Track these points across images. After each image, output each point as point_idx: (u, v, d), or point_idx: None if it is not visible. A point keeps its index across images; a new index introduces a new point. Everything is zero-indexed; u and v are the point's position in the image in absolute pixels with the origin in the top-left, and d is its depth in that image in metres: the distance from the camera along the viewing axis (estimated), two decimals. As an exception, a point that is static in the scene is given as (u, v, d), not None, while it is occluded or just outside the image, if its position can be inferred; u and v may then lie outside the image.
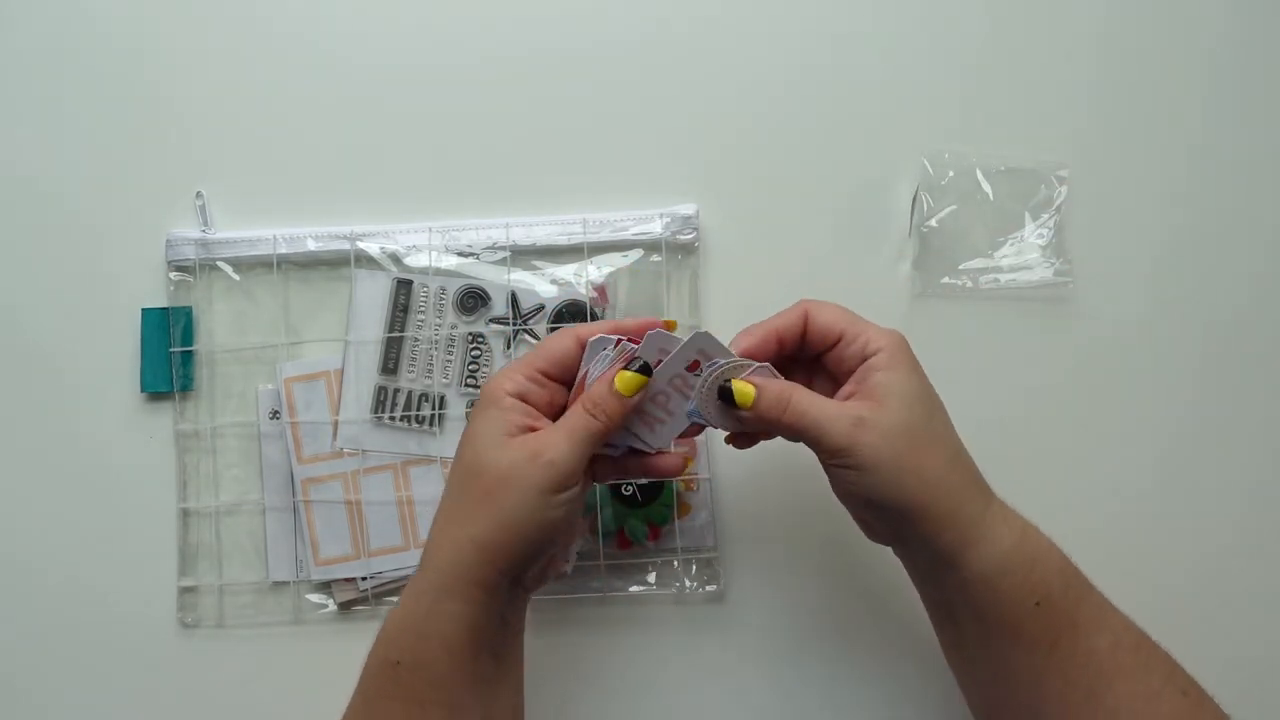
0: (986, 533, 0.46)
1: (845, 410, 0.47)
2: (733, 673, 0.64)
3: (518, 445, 0.48)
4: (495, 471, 0.47)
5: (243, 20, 0.67)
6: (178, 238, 0.65)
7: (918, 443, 0.46)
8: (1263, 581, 0.64)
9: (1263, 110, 0.66)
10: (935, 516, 0.46)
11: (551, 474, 0.47)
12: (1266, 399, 0.65)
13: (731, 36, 0.67)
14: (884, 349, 0.48)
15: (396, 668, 0.48)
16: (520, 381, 0.50)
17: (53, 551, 0.65)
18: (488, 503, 0.47)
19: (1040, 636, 0.47)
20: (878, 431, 0.46)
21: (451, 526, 0.49)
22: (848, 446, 0.46)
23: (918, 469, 0.46)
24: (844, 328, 0.49)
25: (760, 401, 0.48)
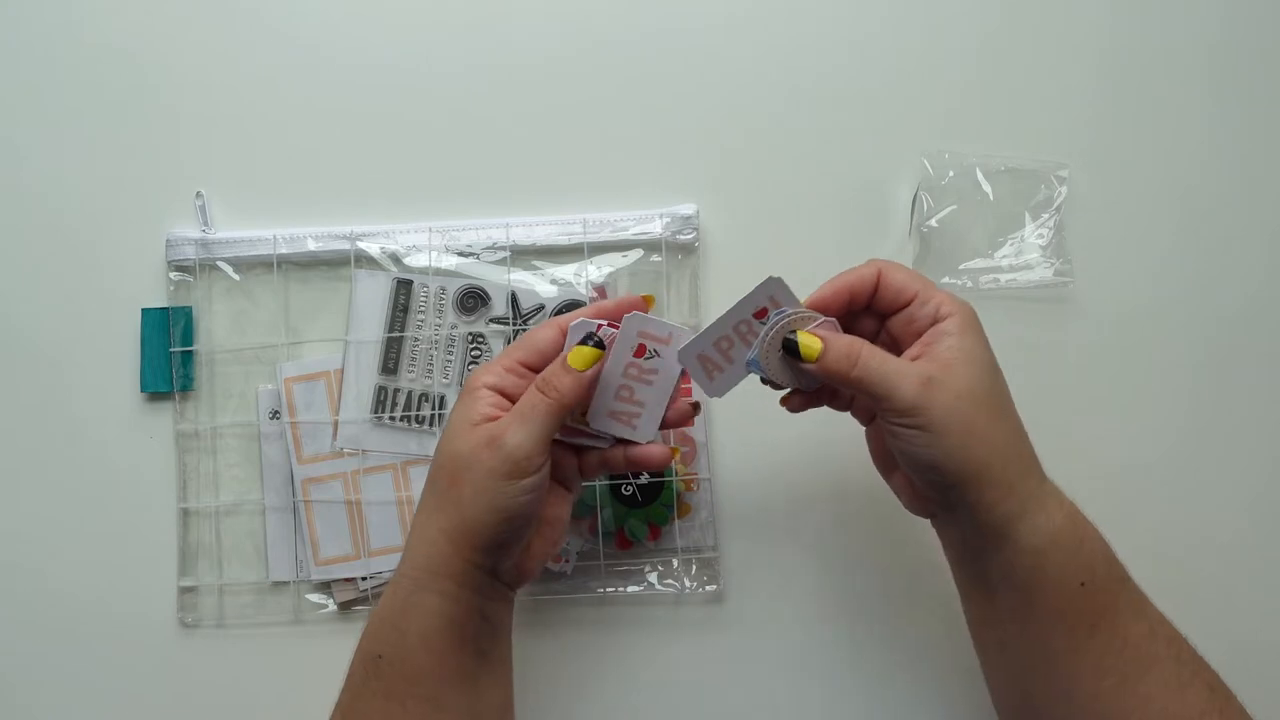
0: (1042, 506, 0.46)
1: (917, 369, 0.46)
2: (733, 673, 0.64)
3: (477, 433, 0.48)
4: (456, 460, 0.48)
5: (243, 21, 0.67)
6: (178, 238, 0.65)
7: (986, 409, 0.46)
8: (1264, 580, 0.64)
9: (1263, 110, 0.66)
10: (996, 483, 0.45)
11: (505, 458, 0.46)
12: (1267, 398, 0.65)
13: (732, 38, 0.67)
14: (956, 314, 0.48)
15: (378, 661, 0.49)
16: (499, 373, 0.50)
17: (53, 551, 0.65)
18: (451, 492, 0.48)
19: (1081, 618, 0.46)
20: (950, 392, 0.45)
21: (424, 518, 0.49)
22: (917, 405, 0.45)
23: (985, 434, 0.45)
24: (918, 289, 0.49)
25: (827, 355, 0.47)
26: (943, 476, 0.46)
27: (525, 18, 0.67)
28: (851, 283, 0.50)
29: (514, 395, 0.50)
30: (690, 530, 0.64)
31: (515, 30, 0.67)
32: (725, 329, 0.50)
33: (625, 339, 0.50)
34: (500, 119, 0.66)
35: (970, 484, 0.46)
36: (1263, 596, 0.64)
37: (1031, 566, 0.46)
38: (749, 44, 0.67)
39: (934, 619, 0.63)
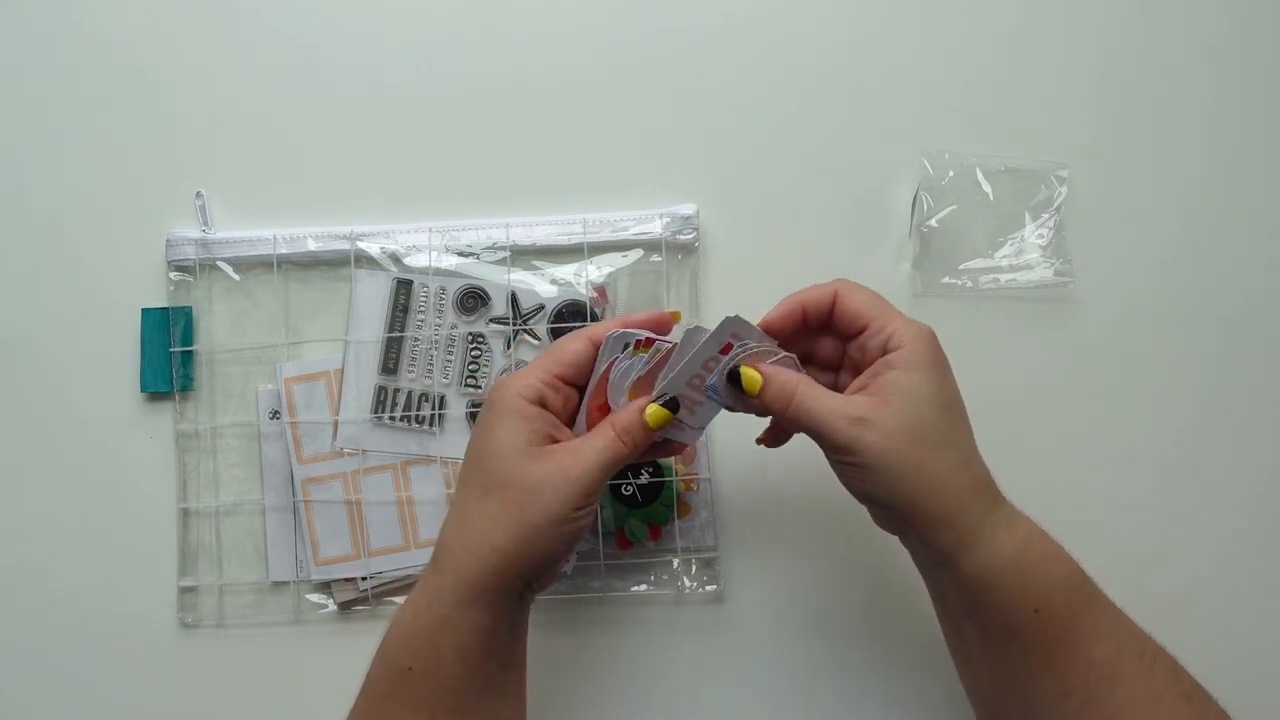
0: (985, 537, 0.46)
1: (848, 407, 0.46)
2: (733, 673, 0.64)
3: (548, 458, 0.48)
4: (526, 483, 0.47)
5: (243, 21, 0.67)
6: (178, 238, 0.65)
7: (921, 446, 0.46)
8: (1266, 580, 0.64)
9: (1264, 110, 0.66)
10: (933, 518, 0.46)
11: (580, 489, 0.47)
12: (1267, 398, 0.65)
13: (732, 38, 0.67)
14: (905, 346, 0.47)
15: (408, 673, 0.48)
16: (538, 387, 0.50)
17: (53, 551, 0.65)
18: (515, 513, 0.47)
19: (1037, 643, 0.46)
20: (879, 431, 0.45)
21: (472, 532, 0.48)
22: (848, 445, 0.46)
23: (918, 472, 0.45)
24: (871, 318, 0.49)
25: (766, 390, 0.49)
26: (883, 509, 0.48)
27: (525, 18, 0.67)
28: (805, 302, 0.51)
29: (554, 409, 0.50)
30: (690, 530, 0.64)
31: (515, 30, 0.67)
32: (695, 368, 0.50)
33: (716, 338, 0.50)
34: (500, 119, 0.66)
35: (909, 518, 0.46)
36: (1263, 596, 0.64)
37: (979, 595, 0.46)
38: (749, 44, 0.67)
39: (933, 619, 0.63)
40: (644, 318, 0.52)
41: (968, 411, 0.49)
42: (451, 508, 0.50)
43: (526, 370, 0.51)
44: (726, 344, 0.50)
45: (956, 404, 0.48)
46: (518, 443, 0.48)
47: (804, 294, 0.51)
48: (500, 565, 0.47)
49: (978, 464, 0.48)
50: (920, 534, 0.47)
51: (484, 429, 0.50)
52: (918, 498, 0.46)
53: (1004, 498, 0.48)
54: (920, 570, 0.51)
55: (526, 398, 0.49)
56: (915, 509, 0.46)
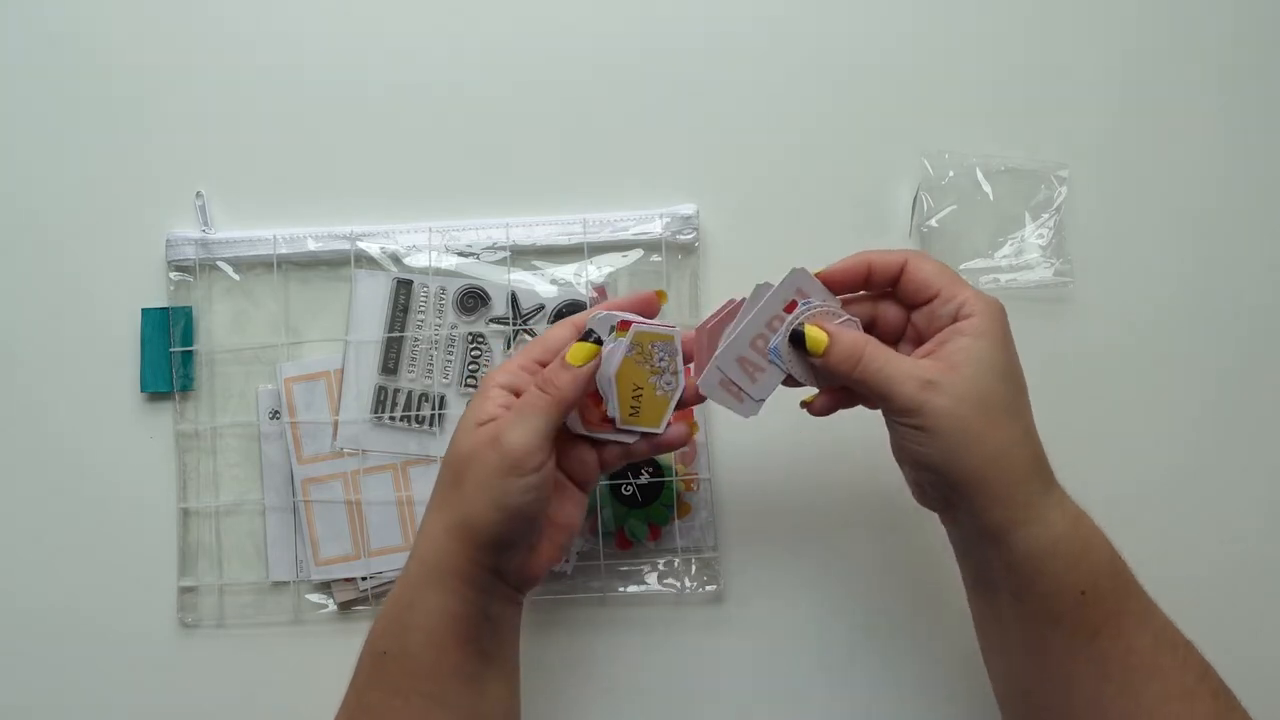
0: (1039, 515, 0.46)
1: (918, 370, 0.46)
2: (733, 673, 0.64)
3: (481, 431, 0.48)
4: (460, 458, 0.48)
5: (243, 21, 0.67)
6: (178, 238, 0.65)
7: (987, 414, 0.45)
8: (1267, 581, 0.64)
9: (1264, 109, 0.66)
10: (990, 491, 0.45)
11: (504, 455, 0.46)
12: (1269, 398, 0.65)
13: (732, 38, 0.67)
14: (976, 315, 0.47)
15: (383, 657, 0.49)
16: (512, 371, 0.50)
17: (53, 551, 0.65)
18: (455, 490, 0.48)
19: (1081, 626, 0.46)
20: (948, 396, 0.45)
21: (430, 516, 0.50)
22: (915, 407, 0.45)
23: (981, 440, 0.45)
24: (942, 286, 0.48)
25: (832, 350, 0.48)
26: (940, 477, 0.47)
27: (525, 18, 0.67)
28: (874, 260, 0.50)
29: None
30: (690, 530, 0.64)
31: (515, 31, 0.67)
32: (760, 326, 0.49)
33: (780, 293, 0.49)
34: (500, 119, 0.66)
35: (966, 488, 0.46)
36: (1267, 596, 0.64)
37: (1028, 573, 0.46)
38: (749, 44, 0.67)
39: (934, 618, 0.63)
40: (630, 300, 0.52)
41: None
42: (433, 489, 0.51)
43: (509, 360, 0.51)
44: (791, 301, 0.49)
45: (1021, 378, 0.48)
46: (467, 422, 0.49)
47: (872, 253, 0.50)
48: (453, 545, 0.48)
49: (1037, 440, 0.48)
50: (975, 505, 0.46)
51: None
52: (980, 466, 0.45)
53: (1055, 479, 0.48)
54: (960, 550, 0.51)
55: (501, 384, 0.50)
56: (975, 478, 0.45)
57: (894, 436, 0.48)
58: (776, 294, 0.49)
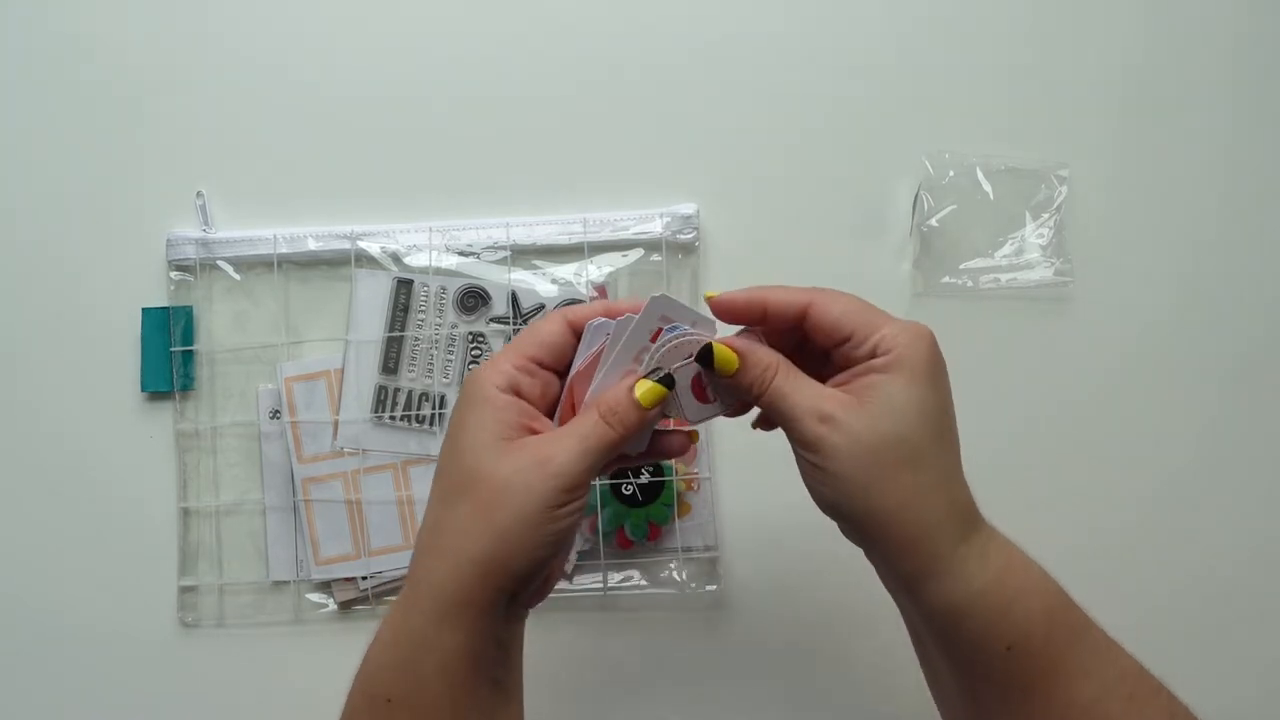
0: (952, 568, 0.41)
1: (820, 401, 0.42)
2: (733, 673, 0.64)
3: (520, 451, 0.42)
4: (495, 481, 0.42)
5: (243, 21, 0.67)
6: (178, 237, 0.65)
7: (893, 456, 0.41)
8: (1268, 583, 0.64)
9: (1265, 109, 0.66)
10: (894, 541, 0.41)
11: (559, 484, 0.42)
12: (1269, 398, 0.65)
13: (731, 37, 0.67)
14: (893, 351, 0.42)
15: (388, 705, 0.43)
16: (510, 372, 0.44)
17: (53, 551, 0.65)
18: (487, 516, 0.42)
19: (1012, 682, 0.42)
20: (846, 434, 0.41)
21: (444, 543, 0.43)
22: (813, 441, 0.41)
23: (882, 486, 0.41)
24: (854, 328, 0.43)
25: (743, 370, 0.44)
26: (841, 520, 0.43)
27: (526, 18, 0.67)
28: (767, 302, 0.45)
29: (530, 397, 0.45)
30: (690, 530, 0.64)
31: (516, 31, 0.67)
32: (626, 363, 0.45)
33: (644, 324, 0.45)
34: (501, 119, 0.66)
35: (868, 536, 0.42)
36: (1267, 593, 0.64)
37: (946, 628, 0.42)
38: (749, 44, 0.67)
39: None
40: (630, 304, 0.46)
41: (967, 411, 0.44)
42: (425, 512, 0.44)
43: (498, 355, 0.45)
44: (656, 329, 0.45)
45: (944, 416, 0.43)
46: (486, 436, 0.43)
47: (767, 291, 0.45)
48: (476, 578, 0.42)
49: (958, 485, 0.43)
50: (880, 554, 0.42)
51: (454, 423, 0.44)
52: (880, 515, 0.41)
53: (984, 523, 0.43)
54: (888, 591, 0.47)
55: (498, 385, 0.44)
56: (876, 527, 0.41)
57: (800, 470, 0.44)
58: (639, 325, 0.44)
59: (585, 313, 0.46)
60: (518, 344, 0.46)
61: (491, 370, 0.44)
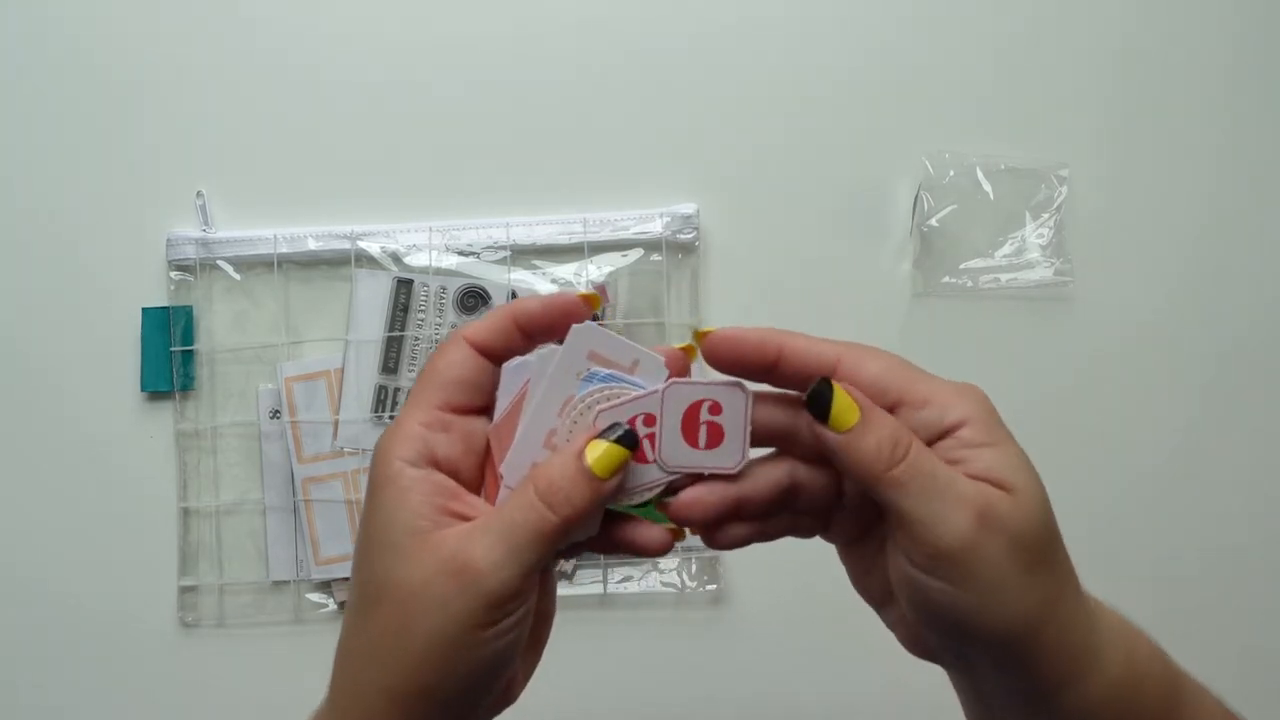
0: (1096, 662, 0.33)
1: (974, 492, 0.31)
2: (733, 672, 0.64)
3: (430, 554, 0.32)
4: (401, 593, 0.32)
5: (244, 21, 0.67)
6: (178, 237, 0.65)
7: (1047, 548, 0.32)
8: (1269, 581, 0.64)
9: (1262, 110, 0.66)
10: (1047, 646, 0.32)
11: (483, 600, 0.31)
12: (1268, 397, 0.65)
13: (731, 37, 0.67)
14: (971, 419, 0.33)
15: None
16: (419, 436, 0.34)
17: (53, 551, 0.65)
18: (398, 639, 0.32)
19: None
20: (1008, 534, 0.31)
21: (354, 668, 0.35)
22: (961, 546, 0.31)
23: (1043, 584, 0.32)
24: (900, 390, 0.33)
25: (870, 427, 0.32)
26: (974, 638, 0.33)
27: (526, 18, 0.67)
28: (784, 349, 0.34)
29: (451, 461, 0.34)
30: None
31: (516, 31, 0.67)
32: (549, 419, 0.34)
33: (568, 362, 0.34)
34: (501, 118, 0.66)
35: (1007, 647, 0.32)
36: (1264, 596, 0.64)
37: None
38: (749, 44, 0.67)
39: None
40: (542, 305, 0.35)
41: None
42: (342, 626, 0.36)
43: (404, 412, 0.35)
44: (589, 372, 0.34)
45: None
46: (395, 531, 0.33)
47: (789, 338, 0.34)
48: (394, 713, 0.33)
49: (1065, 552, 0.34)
50: (1016, 666, 0.33)
51: (365, 508, 0.35)
52: (1038, 619, 0.32)
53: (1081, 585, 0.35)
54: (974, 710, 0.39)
55: (405, 457, 0.33)
56: (1027, 636, 0.32)
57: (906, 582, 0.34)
58: (562, 366, 0.34)
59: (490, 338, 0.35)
60: (422, 391, 0.35)
61: (396, 438, 0.34)
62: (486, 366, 0.35)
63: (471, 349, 0.35)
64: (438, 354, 0.35)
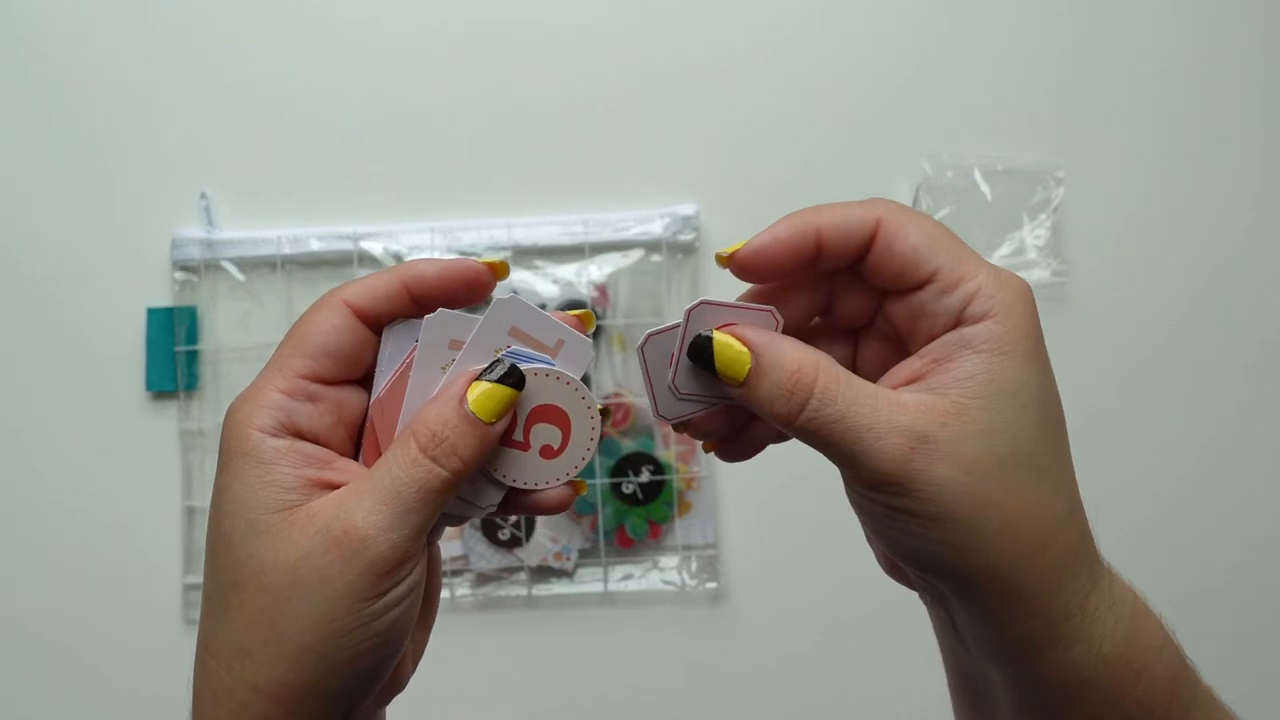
0: (1085, 631, 0.30)
1: (900, 416, 0.29)
2: (733, 671, 0.64)
3: (305, 525, 0.29)
4: (270, 577, 0.29)
5: (246, 23, 0.67)
6: (183, 238, 0.65)
7: (1016, 482, 0.29)
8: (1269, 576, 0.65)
9: (1260, 112, 0.67)
10: (1019, 599, 0.29)
11: (370, 568, 0.28)
12: (1266, 397, 0.65)
13: (732, 39, 0.67)
14: (994, 316, 0.30)
15: None
16: (279, 404, 0.30)
17: (58, 549, 0.65)
18: (270, 630, 0.29)
19: None
20: (953, 461, 0.28)
21: (218, 670, 0.30)
22: (899, 477, 0.28)
23: (1007, 525, 0.29)
24: (939, 263, 0.30)
25: (763, 375, 0.30)
26: (934, 576, 0.31)
27: (527, 21, 0.67)
28: (822, 229, 0.31)
29: (317, 433, 0.31)
30: (690, 528, 0.64)
31: (517, 33, 0.67)
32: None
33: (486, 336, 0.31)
34: (502, 120, 0.67)
35: (980, 594, 0.30)
36: (1268, 586, 0.64)
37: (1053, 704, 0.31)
38: (750, 45, 0.67)
39: (932, 616, 0.63)
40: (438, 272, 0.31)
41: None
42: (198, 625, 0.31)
43: (260, 378, 0.31)
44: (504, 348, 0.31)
45: (1060, 412, 0.31)
46: (256, 510, 0.29)
47: (822, 214, 0.31)
48: (274, 712, 0.29)
49: (1080, 510, 0.31)
50: (989, 615, 0.30)
51: (214, 491, 0.31)
52: (999, 565, 0.29)
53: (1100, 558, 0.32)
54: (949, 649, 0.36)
55: (262, 428, 0.30)
56: (990, 580, 0.29)
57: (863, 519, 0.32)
58: (478, 341, 0.31)
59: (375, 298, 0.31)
60: (288, 356, 0.31)
61: (251, 406, 0.31)
62: (366, 336, 0.31)
63: (352, 314, 0.31)
64: (312, 315, 0.31)
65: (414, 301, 0.31)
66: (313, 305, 0.32)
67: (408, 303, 0.31)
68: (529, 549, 0.63)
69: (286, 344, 0.31)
